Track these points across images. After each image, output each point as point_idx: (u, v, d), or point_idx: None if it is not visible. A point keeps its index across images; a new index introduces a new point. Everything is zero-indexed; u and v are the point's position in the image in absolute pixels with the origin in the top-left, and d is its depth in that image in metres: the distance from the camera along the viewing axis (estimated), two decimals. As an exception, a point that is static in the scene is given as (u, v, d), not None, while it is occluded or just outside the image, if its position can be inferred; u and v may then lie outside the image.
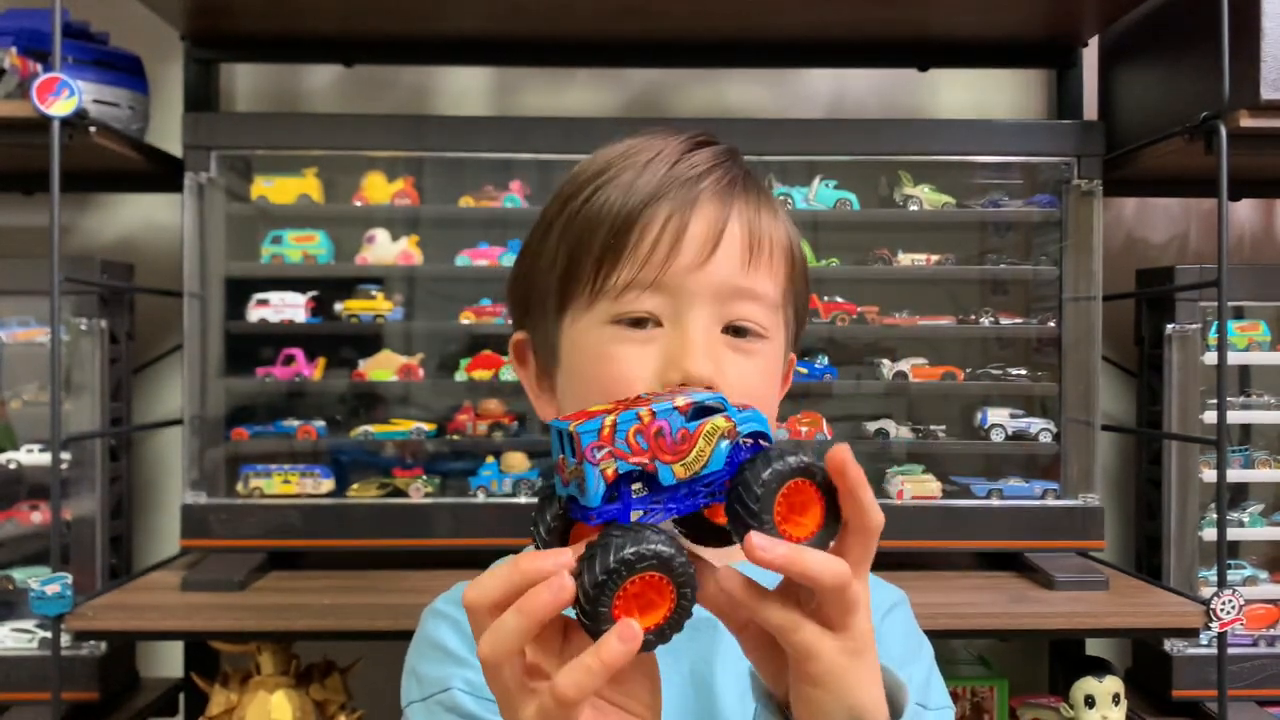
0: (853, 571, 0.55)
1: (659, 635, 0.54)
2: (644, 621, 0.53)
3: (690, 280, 0.72)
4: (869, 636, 0.58)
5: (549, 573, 0.52)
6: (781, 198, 1.49)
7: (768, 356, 0.75)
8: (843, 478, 0.55)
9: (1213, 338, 1.47)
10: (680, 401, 0.55)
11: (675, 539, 0.54)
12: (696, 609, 0.55)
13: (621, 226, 0.73)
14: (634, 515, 0.54)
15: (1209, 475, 1.47)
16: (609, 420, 0.53)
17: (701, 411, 0.56)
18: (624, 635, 0.51)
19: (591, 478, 0.53)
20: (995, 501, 1.46)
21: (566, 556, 0.52)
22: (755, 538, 0.54)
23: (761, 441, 0.57)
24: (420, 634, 0.84)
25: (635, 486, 0.54)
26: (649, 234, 0.72)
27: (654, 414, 0.54)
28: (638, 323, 0.73)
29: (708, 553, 0.59)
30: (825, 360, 1.50)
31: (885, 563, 0.89)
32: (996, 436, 1.50)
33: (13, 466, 1.43)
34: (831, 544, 0.57)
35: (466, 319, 1.49)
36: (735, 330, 0.73)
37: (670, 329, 0.72)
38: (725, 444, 0.56)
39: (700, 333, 0.71)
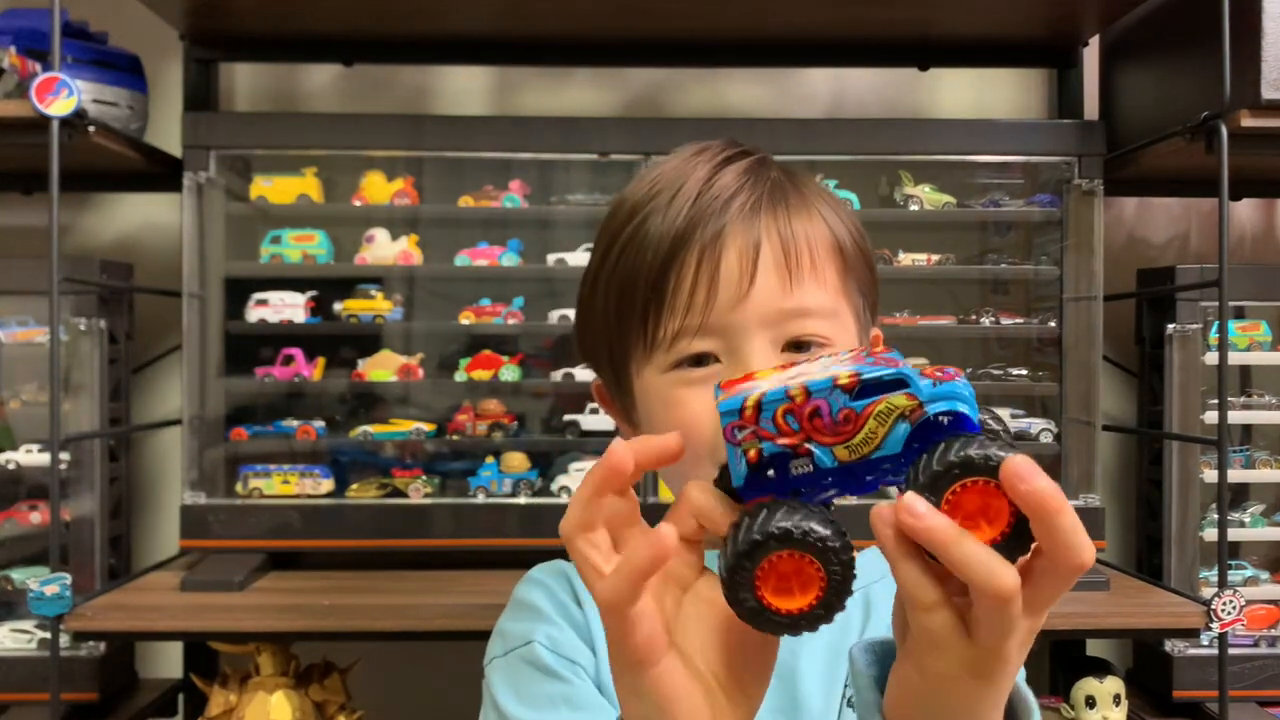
0: (1030, 607, 0.48)
1: (805, 620, 0.49)
2: (794, 603, 0.48)
3: (735, 316, 0.71)
4: (1009, 666, 0.50)
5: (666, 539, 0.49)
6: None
7: None
8: (1018, 493, 0.45)
9: (1213, 338, 1.47)
10: (845, 378, 0.48)
11: (842, 529, 0.48)
12: None
13: (657, 279, 0.72)
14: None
15: (1210, 475, 1.47)
16: (752, 398, 0.48)
17: (876, 388, 0.48)
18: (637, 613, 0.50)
19: (733, 458, 0.49)
20: (996, 502, 1.46)
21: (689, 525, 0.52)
22: (909, 497, 0.47)
23: (963, 421, 0.48)
24: (512, 600, 0.84)
25: (796, 463, 0.49)
26: (685, 281, 0.72)
27: (808, 392, 0.48)
28: (698, 360, 0.72)
29: None
30: (825, 360, 1.50)
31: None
32: (997, 437, 1.49)
33: (12, 466, 1.43)
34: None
35: (466, 319, 1.49)
36: (796, 345, 0.72)
37: (729, 364, 0.72)
38: (904, 425, 0.48)
39: (758, 362, 0.71)
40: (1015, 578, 0.46)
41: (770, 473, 0.49)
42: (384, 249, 1.50)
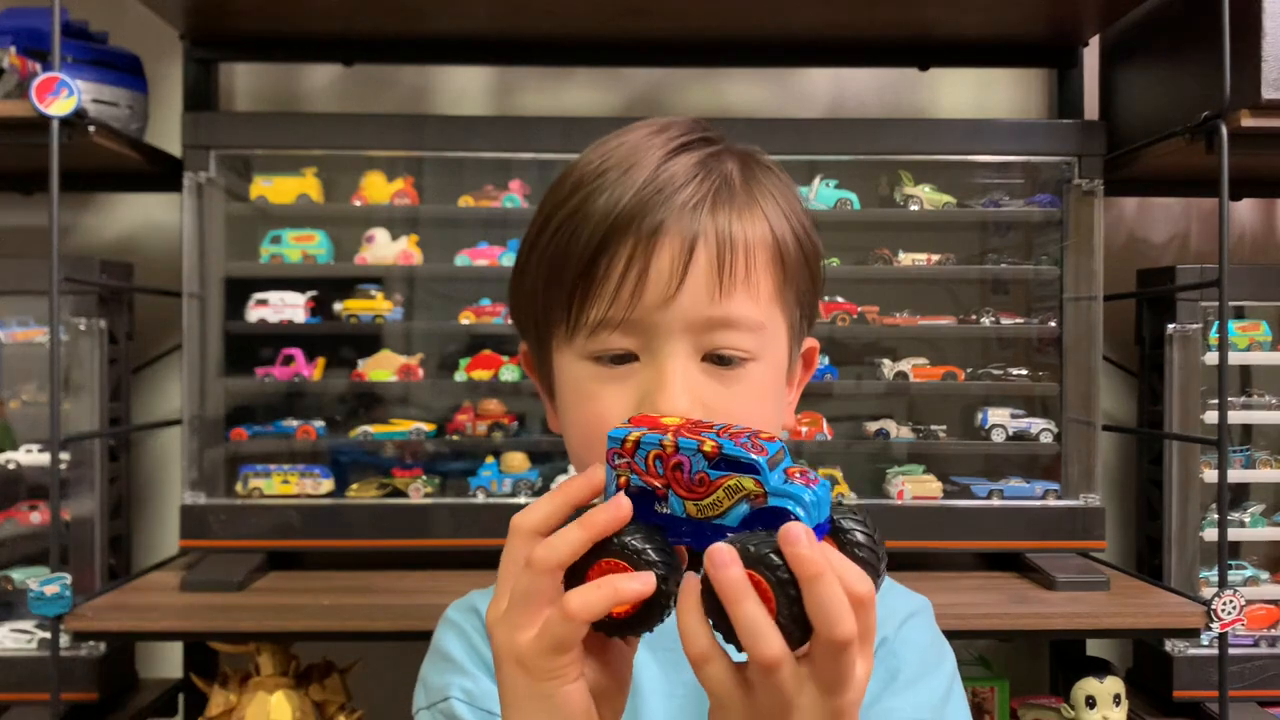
0: (820, 685, 0.51)
1: (625, 625, 0.56)
2: (617, 609, 0.55)
3: (659, 317, 0.70)
4: None
5: (598, 492, 0.57)
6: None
7: (756, 379, 0.73)
8: (791, 558, 0.50)
9: (1213, 337, 1.47)
10: (709, 445, 0.54)
11: (670, 551, 0.56)
12: None
13: (588, 263, 0.71)
14: None
15: (1210, 475, 1.47)
16: (634, 436, 0.56)
17: (733, 464, 0.53)
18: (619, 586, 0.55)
19: (610, 478, 0.57)
20: (996, 502, 1.46)
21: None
22: (718, 547, 0.52)
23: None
24: (432, 643, 0.84)
25: (660, 504, 0.56)
26: (614, 271, 0.70)
27: (677, 447, 0.54)
28: (618, 358, 0.71)
29: None
30: (826, 360, 1.50)
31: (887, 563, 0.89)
32: (997, 437, 1.49)
33: (12, 466, 1.43)
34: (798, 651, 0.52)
35: (466, 319, 1.49)
36: (718, 358, 0.71)
37: (646, 364, 0.71)
38: (746, 507, 0.53)
39: (675, 369, 0.69)
40: (780, 646, 0.50)
41: (640, 502, 0.56)
42: (384, 249, 1.50)
